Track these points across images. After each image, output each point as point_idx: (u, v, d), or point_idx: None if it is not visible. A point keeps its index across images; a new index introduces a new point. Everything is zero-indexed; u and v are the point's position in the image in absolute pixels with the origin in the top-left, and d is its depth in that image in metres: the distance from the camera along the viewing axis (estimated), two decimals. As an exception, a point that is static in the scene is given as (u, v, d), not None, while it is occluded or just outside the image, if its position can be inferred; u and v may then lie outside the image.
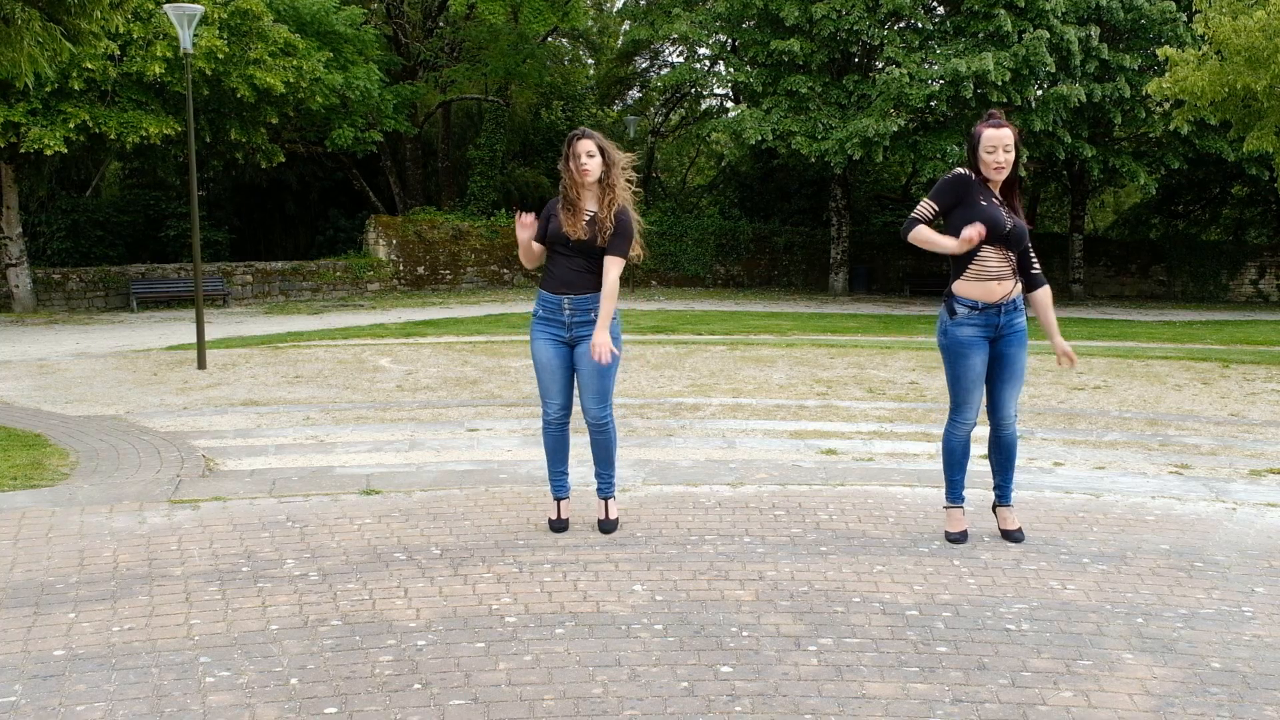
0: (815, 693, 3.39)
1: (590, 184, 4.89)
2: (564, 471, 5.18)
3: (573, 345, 4.99)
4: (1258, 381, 11.04)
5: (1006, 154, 4.62)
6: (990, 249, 4.66)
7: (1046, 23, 23.46)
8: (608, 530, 5.07)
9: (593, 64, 37.11)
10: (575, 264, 4.91)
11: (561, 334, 4.98)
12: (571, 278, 4.91)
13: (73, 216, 26.50)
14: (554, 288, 4.95)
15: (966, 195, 4.67)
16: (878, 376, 11.18)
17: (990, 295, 4.70)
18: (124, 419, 8.49)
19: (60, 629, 3.89)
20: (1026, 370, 4.81)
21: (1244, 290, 30.70)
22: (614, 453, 5.15)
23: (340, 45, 23.81)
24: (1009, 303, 4.73)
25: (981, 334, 4.76)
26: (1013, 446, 4.97)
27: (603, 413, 5.01)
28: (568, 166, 4.88)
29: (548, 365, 5.02)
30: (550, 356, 5.01)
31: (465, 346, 14.12)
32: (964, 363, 4.78)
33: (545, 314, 5.00)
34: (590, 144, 4.86)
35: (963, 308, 4.74)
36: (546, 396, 5.08)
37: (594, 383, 4.95)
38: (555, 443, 5.14)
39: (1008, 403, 4.87)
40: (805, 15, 24.43)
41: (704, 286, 30.27)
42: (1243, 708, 3.32)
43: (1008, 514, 5.05)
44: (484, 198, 30.10)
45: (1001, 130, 4.62)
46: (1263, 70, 15.38)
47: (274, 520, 5.26)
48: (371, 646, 3.73)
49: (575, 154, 4.85)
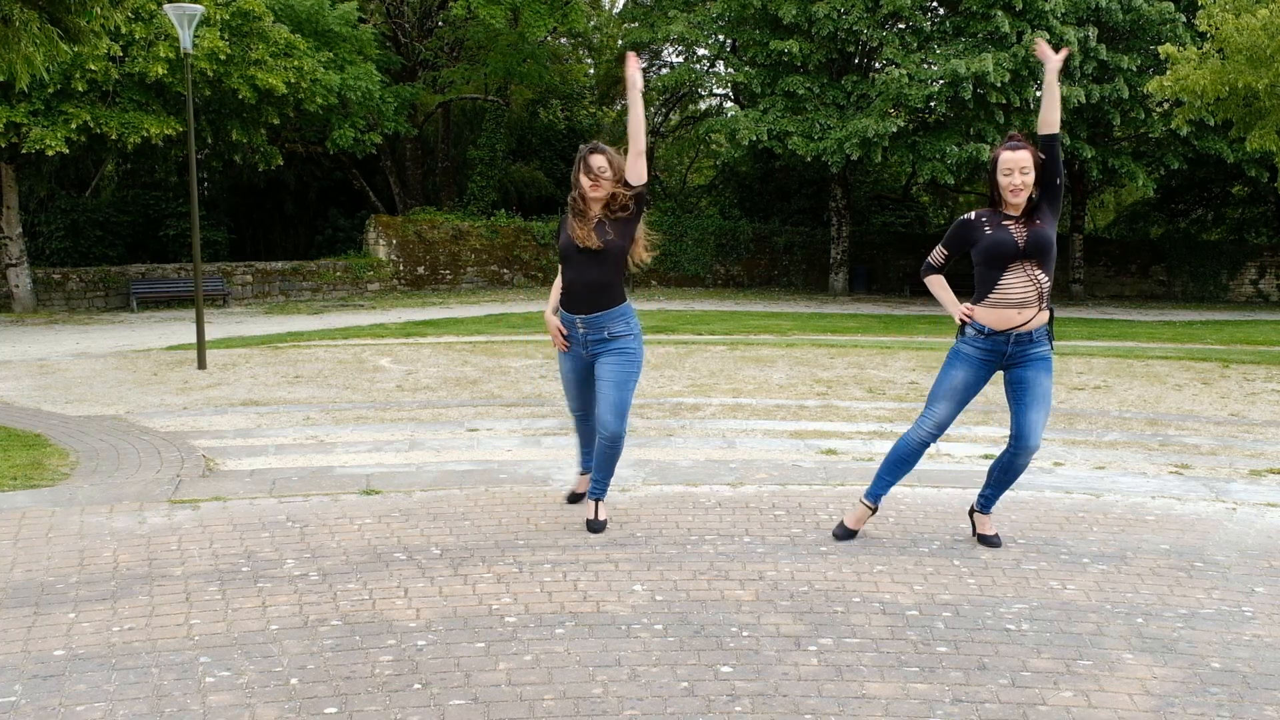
0: (815, 693, 3.39)
1: (602, 196, 4.92)
2: (591, 451, 5.33)
3: (590, 362, 5.08)
4: (1258, 381, 11.04)
5: (1023, 176, 4.50)
6: (1012, 273, 4.53)
7: (1046, 23, 23.46)
8: (595, 530, 5.09)
9: (592, 64, 37.09)
10: (587, 276, 4.91)
11: (579, 351, 5.07)
12: (583, 294, 4.93)
13: (72, 216, 26.49)
14: (569, 308, 5.02)
15: (970, 235, 4.63)
16: (878, 376, 11.17)
17: (1004, 323, 4.57)
18: (124, 419, 8.49)
19: (60, 629, 3.89)
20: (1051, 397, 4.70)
21: (1244, 290, 30.69)
22: (615, 464, 5.19)
23: (337, 44, 23.79)
24: (1024, 335, 4.57)
25: (983, 357, 4.66)
26: (1019, 472, 4.81)
27: (619, 427, 4.97)
28: (579, 180, 4.91)
29: (569, 378, 5.23)
30: (569, 370, 5.19)
31: (465, 346, 14.12)
32: (950, 370, 4.74)
33: (565, 331, 5.10)
34: (602, 159, 4.88)
35: (971, 330, 4.68)
36: (569, 402, 5.35)
37: (612, 395, 4.96)
38: (585, 432, 5.38)
39: (1034, 428, 4.63)
40: (804, 15, 24.43)
41: (704, 286, 30.27)
42: (1243, 708, 3.32)
43: (985, 520, 4.99)
44: (484, 198, 30.10)
45: (1018, 153, 4.51)
46: (1264, 69, 15.37)
47: (274, 520, 5.26)
48: (371, 646, 3.73)
49: (588, 168, 4.88)
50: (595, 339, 4.96)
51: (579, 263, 4.91)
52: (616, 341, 4.96)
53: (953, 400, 4.75)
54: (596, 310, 4.93)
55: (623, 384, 4.95)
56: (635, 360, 5.01)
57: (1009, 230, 4.55)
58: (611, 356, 4.96)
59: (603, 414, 4.99)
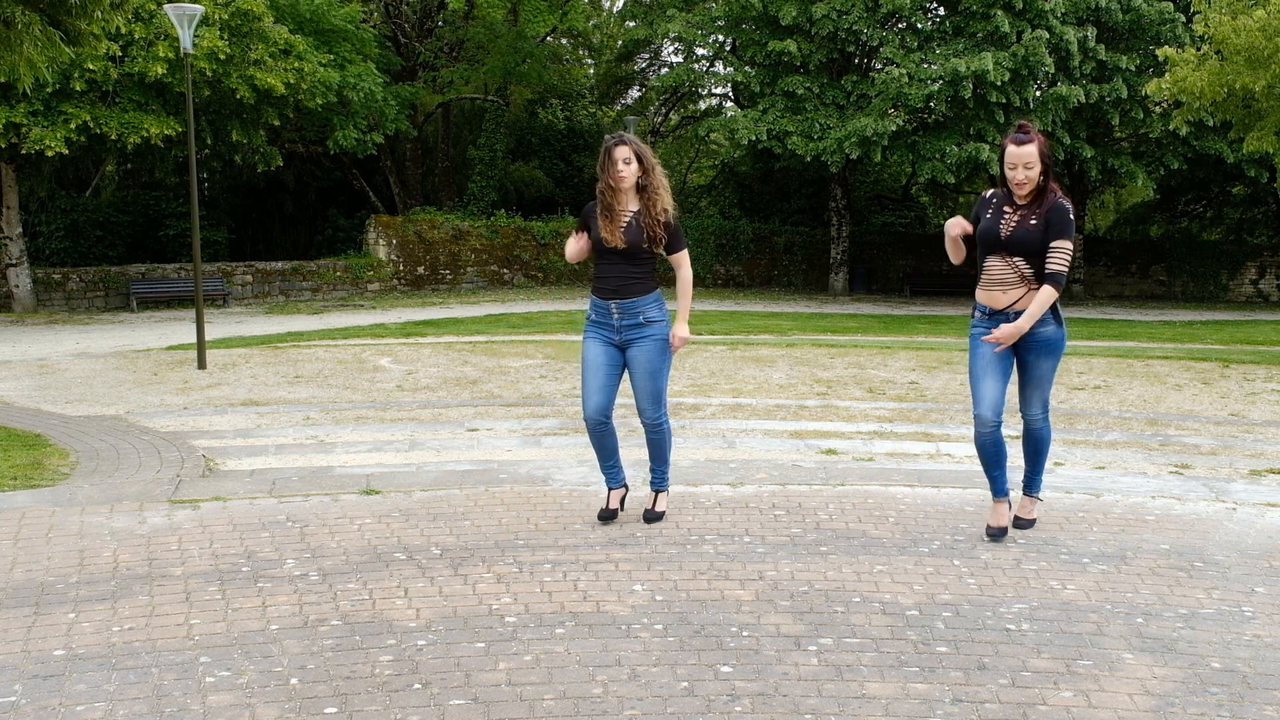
0: (815, 693, 3.39)
1: (628, 189, 4.94)
2: (614, 465, 5.28)
3: (623, 348, 5.08)
4: (1258, 381, 11.04)
5: (1027, 171, 4.65)
6: (992, 259, 4.82)
7: (1046, 23, 23.46)
8: (651, 520, 5.21)
9: (592, 64, 37.10)
10: (619, 269, 5.00)
11: (612, 336, 5.07)
12: (617, 283, 5.01)
13: (72, 216, 26.49)
14: (603, 293, 5.06)
15: (977, 213, 4.92)
16: (878, 376, 11.17)
17: (994, 302, 4.85)
18: (124, 419, 8.49)
19: (60, 629, 3.89)
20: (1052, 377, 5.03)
21: (1244, 290, 30.69)
22: (668, 450, 5.27)
23: (338, 43, 23.78)
24: (1016, 313, 4.78)
25: None
26: (1041, 442, 5.08)
27: (657, 414, 5.14)
28: (605, 173, 4.92)
29: (593, 362, 5.09)
30: (598, 354, 5.08)
31: (465, 346, 14.12)
32: (974, 351, 4.95)
33: (596, 318, 5.10)
34: (627, 150, 4.92)
35: (977, 311, 4.97)
36: (587, 395, 5.13)
37: (647, 384, 5.07)
38: (600, 440, 5.21)
39: (1029, 402, 5.03)
40: (804, 15, 24.42)
41: (704, 286, 30.27)
42: (1243, 708, 3.32)
43: (1027, 503, 5.18)
44: (484, 198, 30.10)
45: (1024, 147, 4.64)
46: (1262, 70, 15.36)
47: (274, 520, 5.26)
48: (371, 646, 3.73)
49: (613, 160, 4.90)
50: (630, 324, 5.03)
51: (611, 257, 5.00)
52: (651, 328, 5.05)
53: (989, 376, 4.87)
54: (631, 296, 5.01)
55: (657, 373, 5.06)
56: (665, 348, 5.09)
57: (1000, 221, 4.76)
58: (645, 343, 5.04)
59: (641, 403, 5.12)
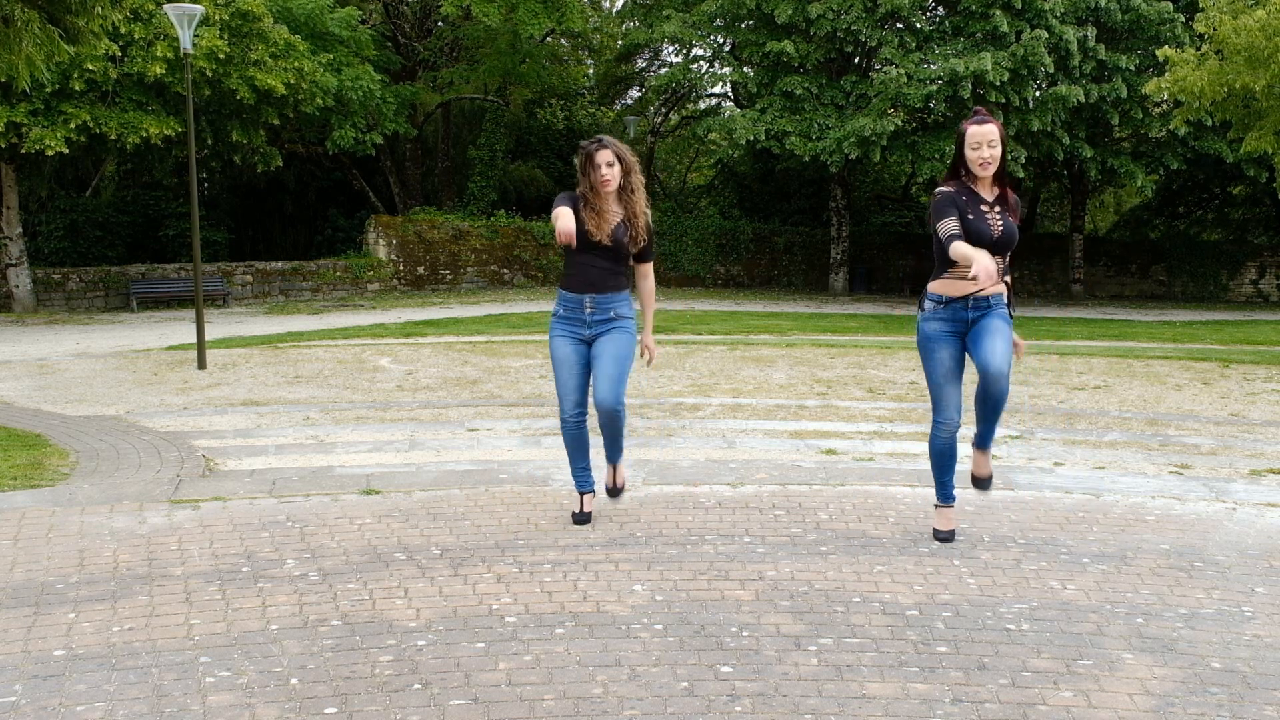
0: (815, 693, 3.39)
1: (611, 193, 4.96)
2: (585, 467, 5.26)
3: (590, 343, 5.08)
4: (1258, 381, 11.04)
5: (991, 149, 4.58)
6: None
7: (1045, 23, 23.45)
8: (614, 495, 5.25)
9: (591, 64, 37.09)
10: (598, 265, 5.01)
11: (581, 331, 5.07)
12: (595, 278, 5.02)
13: (71, 216, 26.49)
14: (576, 287, 5.05)
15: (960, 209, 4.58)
16: (878, 376, 11.17)
17: (960, 290, 4.65)
18: (124, 419, 8.49)
19: (60, 629, 3.89)
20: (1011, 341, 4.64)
21: (1244, 290, 30.69)
22: (622, 434, 5.21)
23: (335, 47, 23.79)
24: (983, 299, 4.65)
25: (948, 329, 4.73)
26: (999, 397, 4.66)
27: (615, 400, 4.99)
28: (587, 178, 4.92)
29: (566, 361, 5.09)
30: (569, 352, 5.09)
31: (465, 346, 14.12)
32: (932, 358, 4.79)
33: (566, 313, 5.09)
34: (609, 154, 4.92)
35: (930, 302, 4.78)
36: (563, 394, 5.13)
37: (613, 369, 5.02)
38: (575, 440, 5.20)
39: (991, 352, 4.56)
40: (800, 14, 24.42)
41: (704, 286, 30.27)
42: (1243, 708, 3.32)
43: (980, 458, 5.03)
44: (484, 198, 30.10)
45: (985, 126, 4.59)
46: (1262, 70, 15.37)
47: (274, 520, 5.26)
48: (371, 646, 3.73)
49: (595, 165, 4.90)
50: (600, 319, 5.04)
51: (591, 253, 4.98)
52: (619, 322, 5.07)
53: (950, 384, 4.80)
54: (607, 291, 5.03)
55: (622, 359, 5.04)
56: (633, 341, 5.11)
57: (985, 221, 4.60)
58: (615, 334, 5.05)
59: (604, 390, 4.99)
